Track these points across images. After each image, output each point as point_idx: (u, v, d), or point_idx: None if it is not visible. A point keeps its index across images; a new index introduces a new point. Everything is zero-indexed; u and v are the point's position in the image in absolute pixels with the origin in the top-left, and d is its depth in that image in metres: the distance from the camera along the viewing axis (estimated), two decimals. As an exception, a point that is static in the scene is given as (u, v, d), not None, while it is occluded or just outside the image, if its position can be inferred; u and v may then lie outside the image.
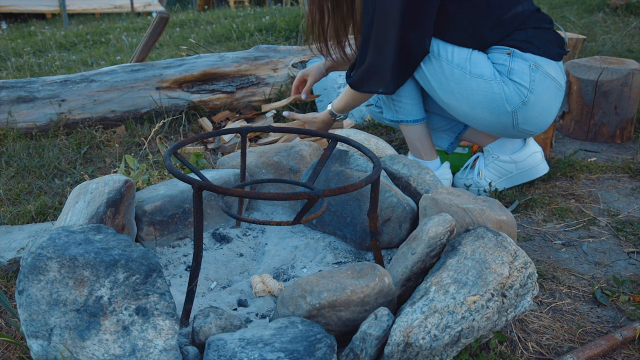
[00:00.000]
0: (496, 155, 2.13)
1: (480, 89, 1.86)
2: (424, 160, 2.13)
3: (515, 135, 2.01)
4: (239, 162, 1.93)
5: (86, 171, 2.43)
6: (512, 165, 2.12)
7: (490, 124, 1.93)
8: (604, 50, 4.19)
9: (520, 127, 1.92)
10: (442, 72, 1.90)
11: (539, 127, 1.95)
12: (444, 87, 1.91)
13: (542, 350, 1.34)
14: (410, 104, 2.04)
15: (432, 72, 1.92)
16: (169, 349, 1.12)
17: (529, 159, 2.11)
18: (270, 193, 1.22)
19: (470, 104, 1.89)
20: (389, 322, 1.17)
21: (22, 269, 1.17)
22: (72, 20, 8.94)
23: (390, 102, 2.07)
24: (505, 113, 1.87)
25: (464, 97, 1.89)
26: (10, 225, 1.95)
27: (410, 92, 2.03)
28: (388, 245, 1.65)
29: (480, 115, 1.91)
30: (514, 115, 1.88)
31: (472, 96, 1.87)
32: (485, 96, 1.86)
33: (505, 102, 1.85)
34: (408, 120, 2.08)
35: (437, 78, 1.91)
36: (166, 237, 1.70)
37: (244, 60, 3.26)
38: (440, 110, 2.17)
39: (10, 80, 2.92)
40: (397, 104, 2.06)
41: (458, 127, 2.21)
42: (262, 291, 1.47)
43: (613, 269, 1.68)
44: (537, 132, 1.98)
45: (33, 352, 1.15)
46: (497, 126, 1.94)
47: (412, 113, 2.07)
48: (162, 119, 2.96)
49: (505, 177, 2.14)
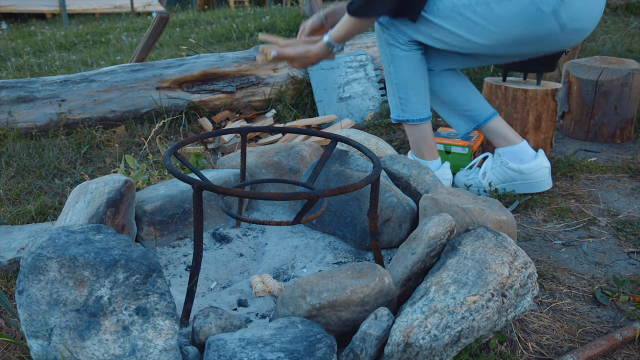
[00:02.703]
0: (505, 161, 2.11)
1: (510, 9, 1.74)
2: (426, 160, 2.12)
3: (571, 41, 1.85)
4: (239, 162, 1.93)
5: (86, 171, 2.43)
6: (518, 175, 2.10)
7: (538, 41, 1.82)
8: (604, 50, 4.19)
9: (569, 27, 1.78)
10: (465, 18, 1.80)
11: (590, 20, 1.79)
12: (474, 30, 1.81)
13: (542, 350, 1.34)
14: (417, 102, 2.03)
15: (456, 23, 1.82)
16: (169, 349, 1.12)
17: (536, 172, 2.09)
18: (270, 193, 1.22)
19: (509, 30, 1.78)
20: (389, 322, 1.17)
21: (22, 269, 1.17)
22: (72, 20, 8.94)
23: (398, 101, 2.06)
24: (547, 17, 1.74)
25: (500, 28, 1.79)
26: (10, 225, 1.95)
27: (418, 89, 2.02)
28: (388, 245, 1.65)
29: (524, 35, 1.79)
30: (556, 15, 1.74)
31: (507, 21, 1.77)
32: (519, 12, 1.75)
33: (540, 4, 1.73)
34: (414, 120, 2.07)
35: (465, 25, 1.82)
36: (166, 237, 1.70)
37: (244, 60, 3.26)
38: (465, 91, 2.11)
39: (10, 80, 2.92)
40: (405, 102, 2.04)
41: (480, 117, 2.14)
42: (262, 291, 1.47)
43: (613, 269, 1.68)
44: (591, 26, 1.83)
45: (33, 352, 1.15)
46: (547, 39, 1.81)
47: (418, 112, 2.05)
48: (162, 119, 2.96)
49: (507, 183, 2.14)
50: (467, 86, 2.13)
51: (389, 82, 2.08)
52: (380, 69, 3.36)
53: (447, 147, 2.37)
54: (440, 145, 2.38)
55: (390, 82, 2.07)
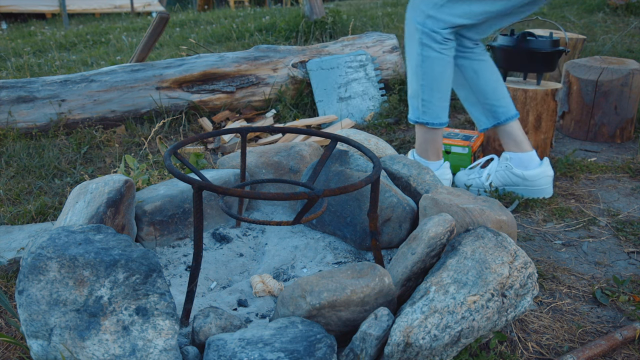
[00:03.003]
0: (510, 165, 2.11)
1: None
2: (429, 160, 2.12)
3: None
4: (239, 162, 1.93)
5: (86, 171, 2.43)
6: (521, 181, 2.10)
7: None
8: (604, 50, 4.19)
9: None
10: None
11: None
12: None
13: (542, 350, 1.34)
14: (439, 105, 2.02)
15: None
16: (169, 349, 1.12)
17: (539, 180, 2.09)
18: (270, 193, 1.22)
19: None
20: (389, 322, 1.17)
21: (22, 269, 1.17)
22: (72, 20, 8.94)
23: (420, 103, 2.04)
24: None
25: None
26: (10, 225, 1.95)
27: (443, 92, 2.00)
28: (388, 245, 1.65)
29: None
30: None
31: None
32: None
33: None
34: (434, 123, 2.05)
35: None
36: (166, 237, 1.70)
37: (244, 60, 3.26)
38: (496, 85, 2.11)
39: (10, 80, 2.92)
40: (427, 105, 2.02)
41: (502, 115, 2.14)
42: (262, 291, 1.47)
43: (613, 269, 1.68)
44: None
45: (33, 352, 1.15)
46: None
47: (439, 115, 2.04)
48: (162, 119, 2.96)
49: (509, 186, 2.14)
50: (498, 81, 2.12)
51: (414, 83, 2.05)
52: (380, 69, 3.36)
53: (447, 147, 2.37)
54: (440, 145, 2.38)
55: (416, 83, 2.04)
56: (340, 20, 5.04)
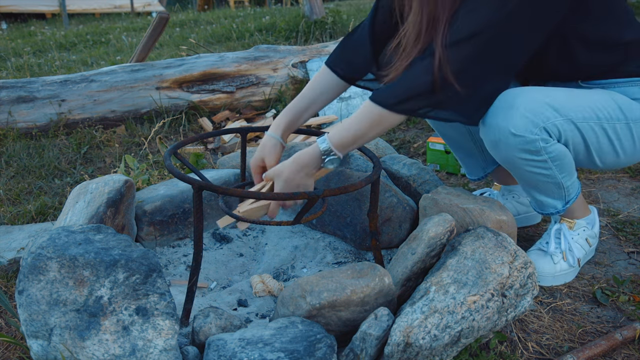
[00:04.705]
0: (517, 195, 1.90)
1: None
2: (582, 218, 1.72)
3: None
4: (239, 162, 1.93)
5: (86, 171, 2.43)
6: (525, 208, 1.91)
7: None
8: (604, 50, 4.18)
9: None
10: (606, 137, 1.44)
11: None
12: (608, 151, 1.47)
13: (542, 350, 1.34)
14: (574, 181, 1.59)
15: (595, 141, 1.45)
16: (169, 349, 1.12)
17: None
18: (270, 193, 1.22)
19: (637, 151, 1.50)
20: (389, 322, 1.17)
21: (22, 269, 1.17)
22: (72, 20, 8.94)
23: (564, 192, 1.59)
24: None
25: (633, 149, 1.50)
26: (10, 225, 1.95)
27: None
28: (388, 245, 1.65)
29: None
30: None
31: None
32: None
33: None
34: (576, 195, 1.64)
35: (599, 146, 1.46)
36: (166, 237, 1.70)
37: (244, 60, 3.26)
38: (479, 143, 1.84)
39: (10, 80, 2.92)
40: (569, 187, 1.59)
41: (492, 167, 1.87)
42: (262, 291, 1.47)
43: (613, 269, 1.68)
44: None
45: (33, 352, 1.15)
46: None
47: (575, 186, 1.61)
48: (162, 119, 2.96)
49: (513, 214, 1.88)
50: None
51: (551, 185, 1.57)
52: (380, 69, 3.36)
53: (447, 147, 2.37)
54: (440, 145, 2.37)
55: (553, 184, 1.55)
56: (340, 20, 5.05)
